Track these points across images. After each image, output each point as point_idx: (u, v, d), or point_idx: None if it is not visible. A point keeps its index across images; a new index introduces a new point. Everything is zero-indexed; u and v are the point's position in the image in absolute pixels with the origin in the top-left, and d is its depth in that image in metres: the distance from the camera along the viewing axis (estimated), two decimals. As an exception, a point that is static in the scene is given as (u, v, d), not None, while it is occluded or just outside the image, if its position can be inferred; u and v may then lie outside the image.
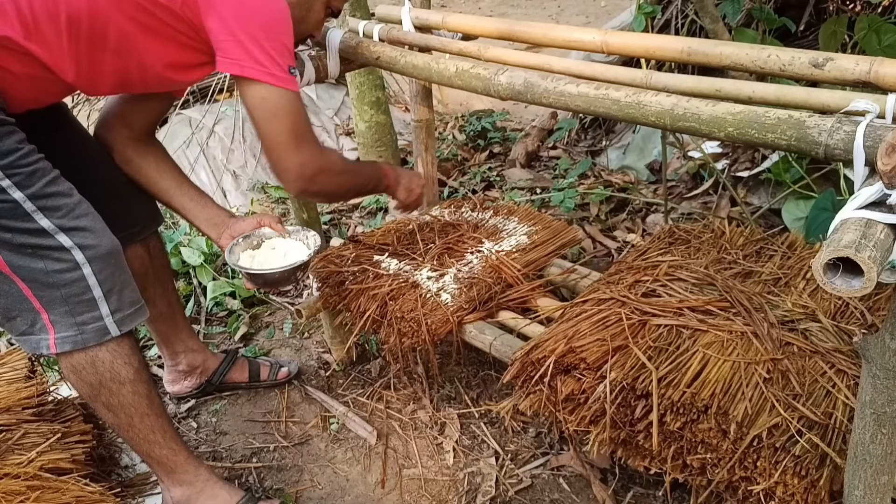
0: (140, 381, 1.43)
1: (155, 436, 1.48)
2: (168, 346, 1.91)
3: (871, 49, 2.07)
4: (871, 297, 1.40)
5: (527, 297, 1.68)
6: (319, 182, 1.43)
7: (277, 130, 1.35)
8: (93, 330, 1.35)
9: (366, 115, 3.02)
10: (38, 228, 1.27)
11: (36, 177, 1.27)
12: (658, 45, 1.26)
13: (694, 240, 1.68)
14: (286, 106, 1.34)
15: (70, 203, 1.32)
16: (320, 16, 1.50)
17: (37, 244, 1.28)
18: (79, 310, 1.33)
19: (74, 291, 1.32)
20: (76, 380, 1.40)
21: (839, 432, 1.12)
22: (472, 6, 6.70)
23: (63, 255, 1.30)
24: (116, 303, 1.37)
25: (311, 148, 1.41)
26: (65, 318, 1.33)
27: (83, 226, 1.32)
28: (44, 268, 1.29)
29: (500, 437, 1.78)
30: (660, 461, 1.26)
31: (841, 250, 0.75)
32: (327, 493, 1.69)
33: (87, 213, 1.34)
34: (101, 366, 1.38)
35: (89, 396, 1.42)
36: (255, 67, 1.30)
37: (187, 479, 1.53)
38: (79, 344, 1.35)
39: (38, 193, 1.27)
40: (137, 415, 1.44)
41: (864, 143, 0.87)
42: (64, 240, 1.29)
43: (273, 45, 1.31)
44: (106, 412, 1.44)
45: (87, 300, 1.33)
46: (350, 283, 1.72)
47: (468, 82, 1.40)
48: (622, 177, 2.92)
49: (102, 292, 1.34)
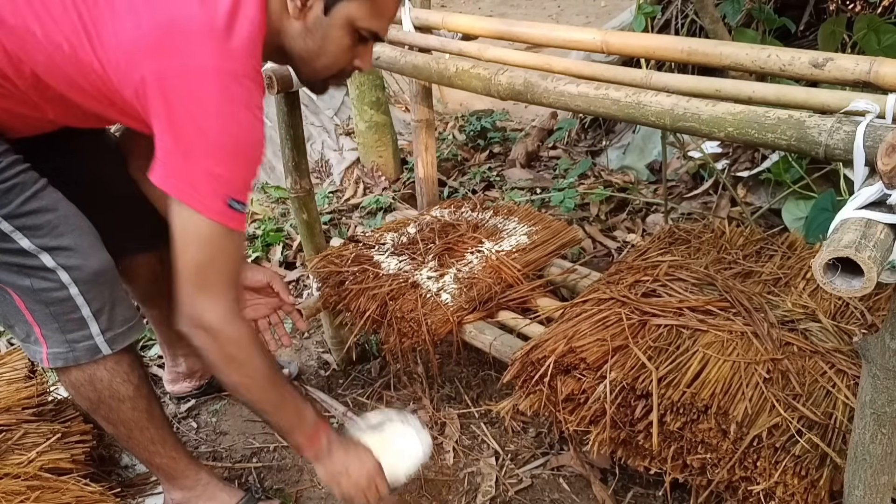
0: (139, 396, 1.39)
1: (155, 446, 1.47)
2: (170, 347, 1.91)
3: (870, 49, 2.07)
4: (871, 297, 1.40)
5: (527, 297, 1.68)
6: (201, 340, 1.18)
7: (180, 260, 1.15)
8: (83, 348, 1.31)
9: (366, 115, 3.02)
10: (18, 249, 1.21)
11: (13, 193, 1.19)
12: (658, 45, 1.26)
13: (694, 240, 1.68)
14: (203, 240, 1.13)
15: (53, 220, 1.24)
16: (343, 43, 1.18)
17: (21, 263, 1.23)
18: (69, 328, 1.28)
19: (63, 310, 1.27)
20: (75, 394, 1.38)
21: (839, 432, 1.12)
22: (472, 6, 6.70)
23: (48, 274, 1.24)
24: (107, 322, 1.31)
25: (214, 304, 1.15)
26: (56, 335, 1.29)
27: (66, 245, 1.24)
28: (30, 286, 1.24)
29: (500, 437, 1.78)
30: (660, 461, 1.26)
31: (841, 250, 0.75)
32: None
33: (73, 228, 1.26)
34: (98, 384, 1.35)
35: (89, 409, 1.41)
36: (185, 189, 1.10)
37: (188, 483, 1.54)
38: (70, 361, 1.31)
39: (14, 212, 1.20)
40: (137, 428, 1.42)
41: (864, 143, 0.87)
42: (47, 260, 1.23)
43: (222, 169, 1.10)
44: (106, 424, 1.43)
45: (76, 319, 1.28)
46: (350, 283, 1.72)
47: (468, 82, 1.40)
48: (622, 177, 2.92)
49: (91, 311, 1.28)
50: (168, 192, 1.11)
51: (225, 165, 1.10)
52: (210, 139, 1.08)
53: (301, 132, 1.77)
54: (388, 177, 3.16)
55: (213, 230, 1.12)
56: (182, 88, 1.07)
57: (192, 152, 1.09)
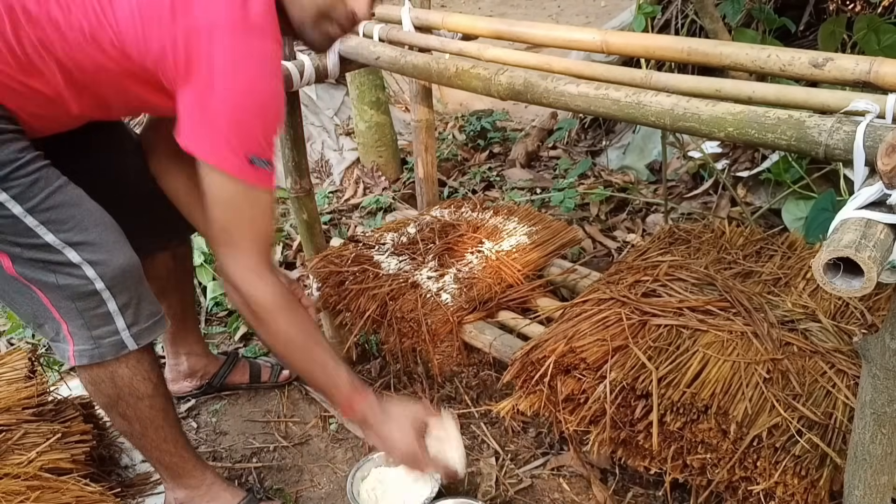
0: (158, 395, 1.40)
1: (167, 445, 1.47)
2: (173, 345, 1.91)
3: (870, 49, 2.07)
4: (871, 297, 1.40)
5: (527, 297, 1.68)
6: (232, 297, 1.24)
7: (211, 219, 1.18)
8: (109, 344, 1.30)
9: (366, 115, 3.02)
10: (43, 244, 1.21)
11: (37, 188, 1.19)
12: (658, 45, 1.26)
13: (694, 240, 1.68)
14: (228, 197, 1.16)
15: (77, 214, 1.24)
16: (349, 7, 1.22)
17: (46, 259, 1.22)
18: (94, 323, 1.28)
19: (89, 305, 1.26)
20: (94, 390, 1.37)
21: (839, 432, 1.12)
22: (472, 6, 6.69)
23: (73, 270, 1.23)
24: (133, 316, 1.30)
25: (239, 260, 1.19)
26: (82, 331, 1.28)
27: (91, 240, 1.24)
28: (55, 282, 1.24)
29: (500, 437, 1.78)
30: (660, 461, 1.26)
31: (841, 250, 0.75)
32: (327, 493, 1.69)
33: (98, 223, 1.26)
34: (119, 381, 1.34)
35: (105, 406, 1.40)
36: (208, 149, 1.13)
37: (193, 482, 1.54)
38: (95, 358, 1.30)
39: (38, 207, 1.20)
40: (153, 427, 1.42)
41: (864, 143, 0.87)
42: (73, 255, 1.22)
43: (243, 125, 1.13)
44: (121, 421, 1.42)
45: (102, 314, 1.27)
46: (350, 283, 1.72)
47: (468, 82, 1.40)
48: (622, 177, 2.92)
49: (118, 306, 1.28)
50: (192, 152, 1.13)
51: (246, 122, 1.12)
52: (230, 95, 1.10)
53: (301, 132, 1.77)
54: (388, 177, 3.16)
55: (236, 187, 1.14)
56: (201, 46, 1.09)
57: (212, 109, 1.11)
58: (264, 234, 1.21)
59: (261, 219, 1.19)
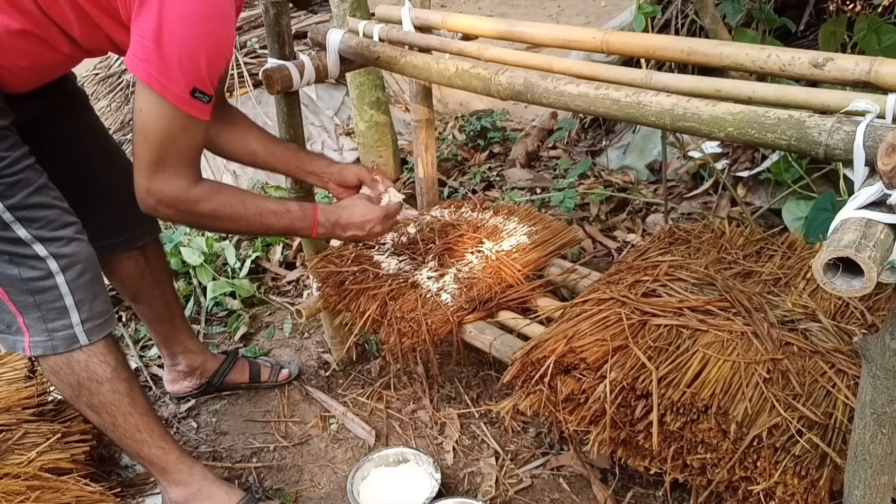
0: (118, 379, 1.43)
1: (141, 434, 1.48)
2: (167, 346, 1.91)
3: (870, 49, 2.07)
4: (871, 297, 1.40)
5: (527, 297, 1.68)
6: (164, 214, 1.33)
7: (140, 143, 1.25)
8: (62, 337, 1.36)
9: (366, 115, 3.01)
10: (14, 238, 1.28)
11: (19, 187, 1.27)
12: (658, 45, 1.26)
13: (694, 240, 1.68)
14: (165, 124, 1.23)
15: (51, 215, 1.31)
16: None
17: (13, 252, 1.29)
18: (50, 316, 1.34)
19: (47, 299, 1.33)
20: (57, 381, 1.42)
21: (839, 432, 1.12)
22: (472, 6, 6.70)
23: (38, 263, 1.30)
24: (87, 312, 1.37)
25: (170, 179, 1.28)
26: (37, 324, 1.35)
27: (61, 236, 1.32)
28: (18, 274, 1.30)
29: (500, 437, 1.78)
30: (660, 461, 1.26)
31: (841, 250, 0.75)
32: (327, 493, 1.69)
33: (68, 223, 1.34)
34: (76, 365, 1.39)
35: (71, 398, 1.43)
36: (154, 75, 1.19)
37: (182, 479, 1.53)
38: (49, 350, 1.36)
39: (18, 204, 1.27)
40: (120, 414, 1.45)
41: (864, 143, 0.87)
42: (40, 249, 1.30)
43: (193, 60, 1.19)
44: (90, 412, 1.45)
45: (59, 308, 1.34)
46: (350, 283, 1.72)
47: (468, 82, 1.40)
48: (622, 177, 2.92)
49: (74, 301, 1.35)
50: (138, 76, 1.19)
51: (196, 57, 1.19)
52: (184, 30, 1.17)
53: (301, 132, 1.77)
54: (388, 177, 3.16)
55: (177, 115, 1.22)
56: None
57: (165, 41, 1.17)
58: (195, 159, 1.32)
59: (194, 145, 1.29)
